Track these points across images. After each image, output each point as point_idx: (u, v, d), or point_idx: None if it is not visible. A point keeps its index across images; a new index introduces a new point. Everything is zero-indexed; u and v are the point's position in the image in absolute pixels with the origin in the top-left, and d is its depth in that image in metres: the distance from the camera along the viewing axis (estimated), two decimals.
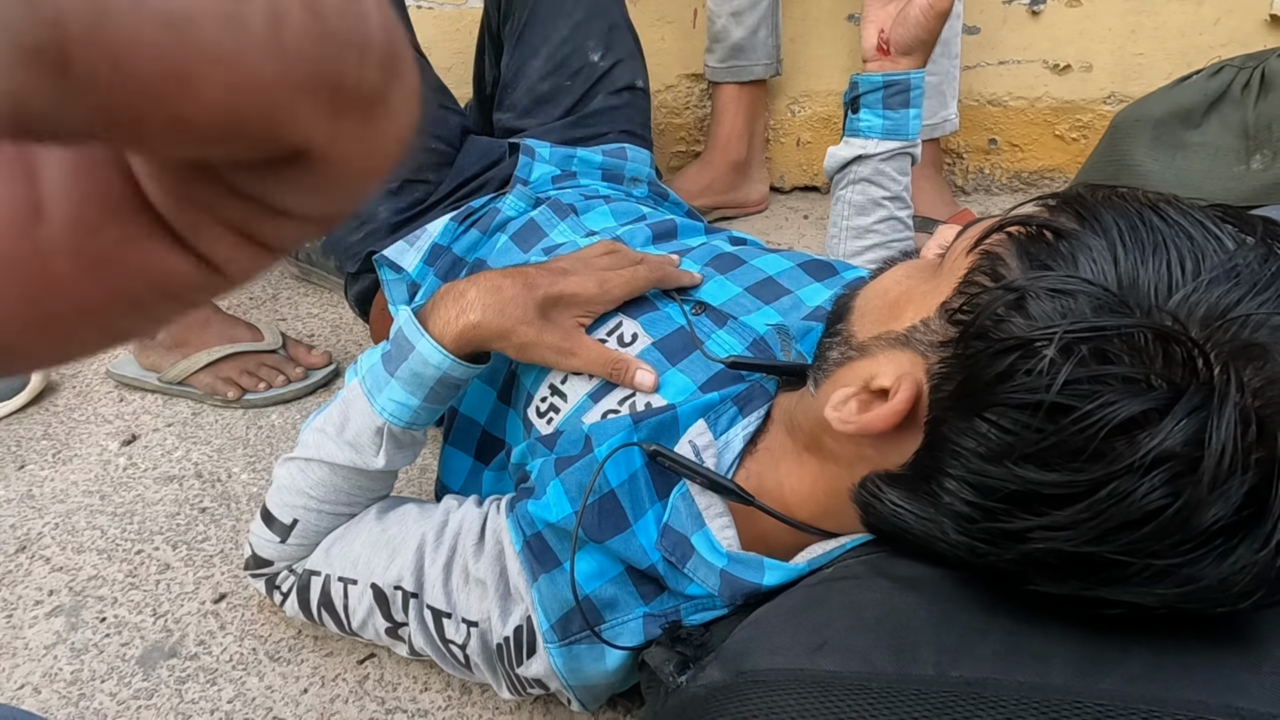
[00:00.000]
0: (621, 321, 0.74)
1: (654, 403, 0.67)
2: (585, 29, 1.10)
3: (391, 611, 0.67)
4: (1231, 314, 0.39)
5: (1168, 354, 0.39)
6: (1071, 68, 1.44)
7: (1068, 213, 0.45)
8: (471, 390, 0.81)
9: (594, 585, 0.61)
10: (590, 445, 0.64)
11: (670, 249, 0.85)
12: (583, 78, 1.09)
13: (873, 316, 0.53)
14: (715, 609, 0.60)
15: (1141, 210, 0.43)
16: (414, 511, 0.71)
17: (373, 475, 0.71)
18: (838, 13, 1.49)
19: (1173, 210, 0.43)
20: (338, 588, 0.70)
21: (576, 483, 0.62)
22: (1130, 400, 0.39)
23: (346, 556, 0.70)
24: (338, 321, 1.30)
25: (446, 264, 0.94)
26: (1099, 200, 0.45)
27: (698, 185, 1.48)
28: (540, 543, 0.62)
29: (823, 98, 1.55)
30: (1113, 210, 0.44)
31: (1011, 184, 1.55)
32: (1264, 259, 0.41)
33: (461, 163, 1.03)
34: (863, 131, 0.99)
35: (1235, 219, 0.43)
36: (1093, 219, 0.43)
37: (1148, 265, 0.41)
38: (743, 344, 0.70)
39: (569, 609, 0.60)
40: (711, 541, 0.59)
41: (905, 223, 1.02)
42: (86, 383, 1.19)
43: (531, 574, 0.62)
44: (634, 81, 1.12)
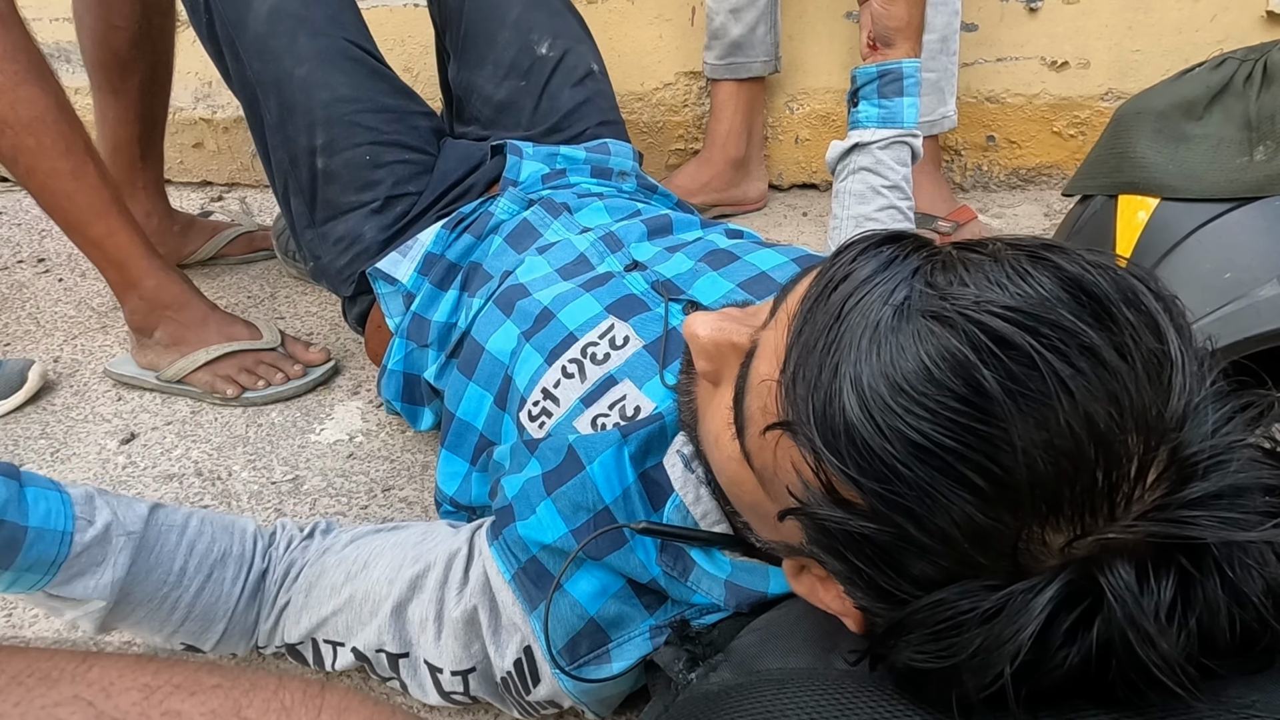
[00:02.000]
0: (613, 324, 0.73)
1: (642, 405, 0.67)
2: (525, 23, 1.08)
3: (376, 670, 0.66)
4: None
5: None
6: (1069, 64, 1.44)
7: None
8: (469, 395, 0.80)
9: (597, 605, 0.60)
10: (576, 459, 0.62)
11: (665, 244, 0.85)
12: (536, 74, 1.08)
13: (750, 519, 0.52)
14: (720, 612, 0.60)
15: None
16: (376, 564, 0.67)
17: (134, 593, 0.64)
18: (835, 10, 1.49)
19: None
20: (325, 649, 0.67)
21: (570, 502, 0.61)
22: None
23: (327, 625, 0.67)
24: (336, 319, 1.30)
25: (441, 271, 0.93)
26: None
27: (696, 183, 1.48)
28: (536, 568, 0.61)
29: (821, 95, 1.55)
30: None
31: (1009, 180, 1.55)
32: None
33: (442, 168, 1.02)
34: (861, 122, 1.00)
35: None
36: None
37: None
38: None
39: (575, 633, 0.59)
40: (714, 554, 0.59)
41: (906, 214, 1.02)
42: (84, 381, 1.18)
43: (529, 602, 0.60)
44: (590, 67, 1.10)
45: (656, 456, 0.62)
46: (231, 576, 0.68)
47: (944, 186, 1.41)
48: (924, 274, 0.40)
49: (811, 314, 0.42)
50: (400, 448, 1.03)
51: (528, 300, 0.79)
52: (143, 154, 1.33)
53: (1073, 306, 0.36)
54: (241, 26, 0.97)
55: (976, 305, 0.36)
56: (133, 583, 0.64)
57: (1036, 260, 0.38)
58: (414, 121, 1.03)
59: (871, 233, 0.44)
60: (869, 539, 0.38)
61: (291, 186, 1.02)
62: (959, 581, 0.37)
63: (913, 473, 0.36)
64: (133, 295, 1.11)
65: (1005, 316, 0.36)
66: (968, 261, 0.39)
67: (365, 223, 0.99)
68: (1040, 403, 0.35)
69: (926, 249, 0.42)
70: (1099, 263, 0.38)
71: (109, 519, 0.63)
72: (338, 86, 0.98)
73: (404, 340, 0.93)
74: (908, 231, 0.44)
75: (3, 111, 0.97)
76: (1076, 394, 0.35)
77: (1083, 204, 0.77)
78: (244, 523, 0.72)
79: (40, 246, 1.55)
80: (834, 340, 0.39)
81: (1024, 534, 0.36)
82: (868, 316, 0.39)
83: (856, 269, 0.41)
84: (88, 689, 0.32)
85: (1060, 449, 0.35)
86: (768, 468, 0.45)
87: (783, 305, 0.47)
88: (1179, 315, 0.38)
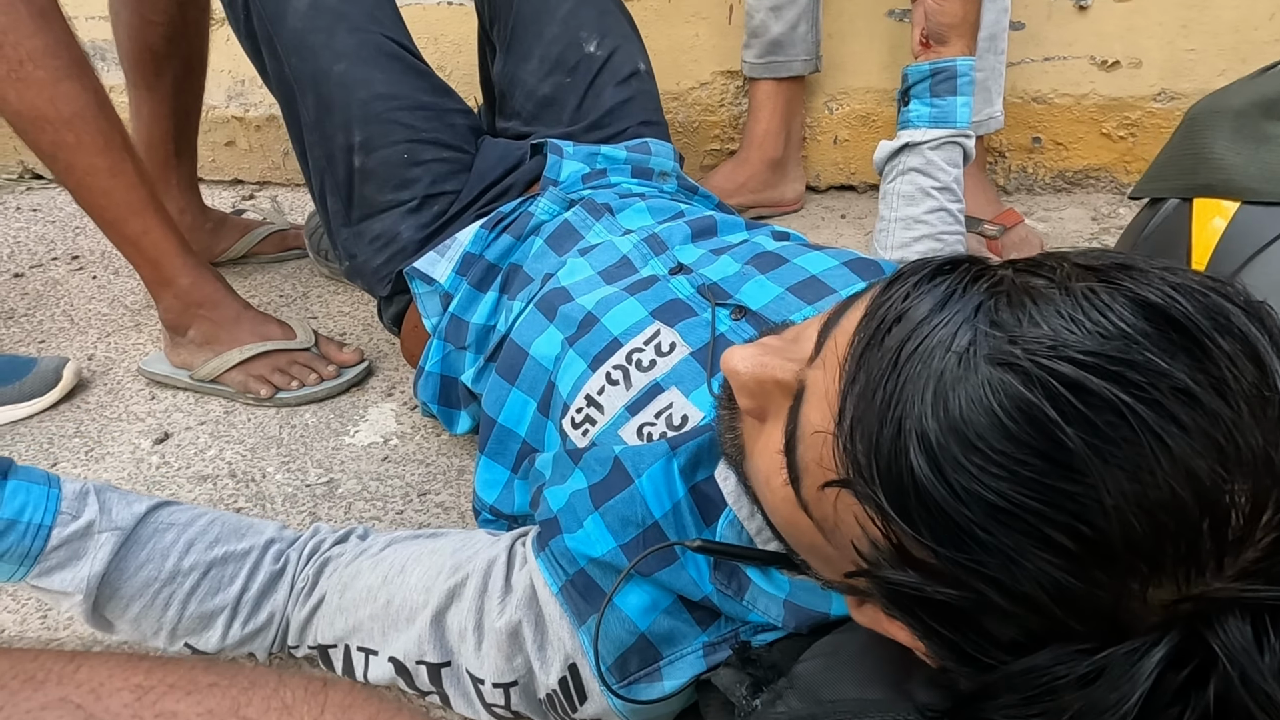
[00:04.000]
0: (659, 330, 0.71)
1: (689, 414, 0.64)
2: (575, 19, 1.05)
3: (415, 684, 0.64)
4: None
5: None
6: (1120, 64, 1.40)
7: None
8: (512, 401, 0.78)
9: (648, 620, 0.57)
10: (624, 472, 0.60)
11: (710, 246, 0.82)
12: (583, 72, 1.05)
13: (809, 559, 0.48)
14: (776, 630, 0.57)
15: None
16: (413, 570, 0.65)
17: (116, 583, 0.63)
18: (877, 9, 1.46)
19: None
20: (358, 657, 0.65)
21: (618, 517, 0.58)
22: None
23: (360, 630, 0.64)
24: (369, 319, 1.28)
25: (480, 271, 0.91)
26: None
27: (733, 184, 1.46)
28: (584, 580, 0.58)
29: (861, 95, 1.52)
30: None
31: (1055, 183, 1.51)
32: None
33: (481, 167, 1.00)
34: (911, 122, 0.98)
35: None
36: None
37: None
38: None
39: (625, 649, 0.57)
40: (770, 572, 0.56)
41: (956, 216, 0.99)
42: (118, 380, 1.17)
43: (577, 616, 0.58)
44: (636, 66, 1.08)
45: (707, 469, 0.60)
46: (230, 575, 0.66)
47: (989, 189, 1.38)
48: (987, 311, 0.35)
49: (865, 360, 0.38)
50: (436, 451, 1.01)
51: (570, 305, 0.77)
52: (176, 151, 1.32)
53: (1158, 341, 0.33)
54: (280, 22, 0.96)
55: (1050, 350, 0.33)
56: (117, 578, 0.63)
57: (1111, 287, 0.35)
58: (451, 119, 1.01)
59: (923, 261, 0.40)
60: (947, 604, 0.35)
61: (328, 185, 1.01)
62: (1050, 646, 0.34)
63: (993, 537, 0.33)
64: (167, 293, 1.10)
65: (1083, 362, 0.32)
66: (1034, 292, 0.35)
67: (402, 222, 0.98)
68: (1132, 459, 0.31)
69: (986, 277, 0.37)
70: (1181, 284, 0.34)
71: (94, 515, 0.62)
72: (376, 84, 0.96)
73: (441, 342, 0.91)
74: (961, 257, 0.40)
75: (42, 107, 0.96)
76: (1174, 447, 0.31)
77: (1152, 208, 0.74)
78: (262, 525, 0.70)
79: (74, 243, 1.55)
80: (893, 392, 0.36)
81: (1121, 595, 0.33)
82: (929, 365, 0.35)
83: (911, 308, 0.37)
84: (76, 690, 0.30)
85: (1159, 506, 0.31)
86: (828, 519, 0.41)
87: (829, 341, 0.42)
88: (1277, 333, 0.34)
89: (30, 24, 0.93)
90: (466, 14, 1.56)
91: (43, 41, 0.94)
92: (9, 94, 0.95)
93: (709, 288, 0.75)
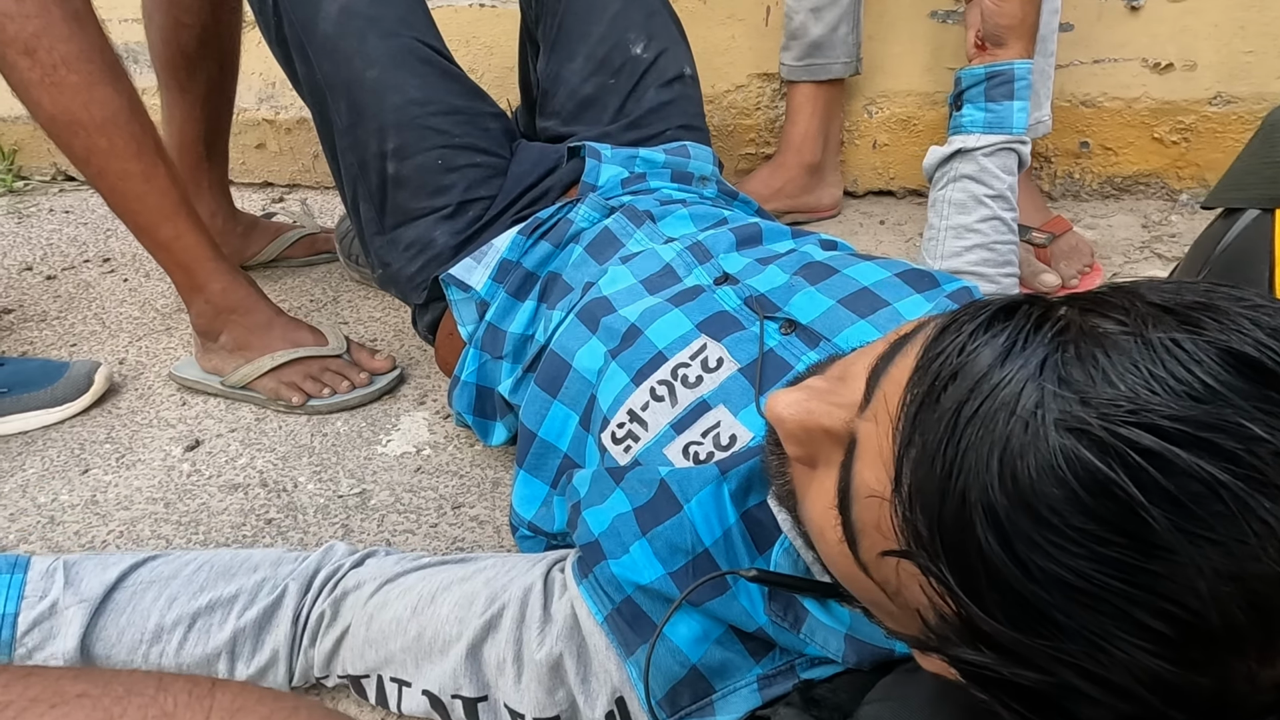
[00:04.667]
0: (706, 344, 0.68)
1: (738, 434, 0.62)
2: (623, 20, 1.03)
3: (451, 717, 0.62)
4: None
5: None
6: (1174, 66, 1.36)
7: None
8: (553, 414, 0.76)
9: (700, 651, 0.55)
10: (671, 496, 0.57)
11: (756, 255, 0.79)
12: (627, 73, 1.03)
13: (874, 611, 0.43)
14: (834, 664, 0.54)
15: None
16: (444, 601, 0.63)
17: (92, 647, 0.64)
18: (919, 9, 1.42)
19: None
20: (391, 688, 0.64)
21: (666, 543, 0.56)
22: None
23: (393, 662, 0.63)
24: (400, 325, 1.27)
25: (518, 279, 0.89)
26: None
27: (769, 188, 1.43)
28: (632, 609, 0.56)
29: (901, 98, 1.48)
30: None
31: (1103, 190, 1.47)
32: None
33: (517, 171, 0.98)
34: (965, 127, 0.95)
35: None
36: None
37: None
38: None
39: (676, 681, 0.55)
40: (829, 603, 0.53)
41: (1009, 224, 0.96)
42: (149, 384, 1.17)
43: (624, 648, 0.56)
44: (682, 70, 1.05)
45: (760, 494, 0.57)
46: (219, 621, 0.65)
47: (1037, 195, 1.34)
48: (1055, 366, 0.32)
49: (920, 422, 0.34)
50: (469, 462, 0.99)
51: (613, 316, 0.75)
52: (208, 153, 1.31)
53: (1251, 396, 0.29)
54: (311, 28, 0.94)
55: (1129, 415, 0.29)
56: (98, 647, 0.63)
57: (1195, 335, 0.31)
58: (485, 124, 0.99)
59: (979, 304, 0.36)
60: (1028, 689, 0.32)
61: (360, 192, 0.99)
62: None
63: (1074, 621, 0.30)
64: (199, 298, 1.09)
65: (1167, 431, 0.29)
66: (1106, 342, 0.31)
67: (436, 228, 0.96)
68: (1226, 536, 0.28)
69: (1050, 323, 0.33)
70: (1276, 328, 0.30)
71: (58, 593, 0.64)
72: (409, 89, 0.94)
73: (478, 351, 0.89)
74: (1019, 298, 0.35)
75: (77, 112, 0.95)
76: (1274, 523, 0.28)
77: (1228, 219, 0.70)
78: (258, 558, 0.68)
79: (105, 246, 1.55)
80: (954, 460, 0.32)
81: (1226, 679, 0.29)
82: (992, 430, 0.31)
83: (968, 362, 0.33)
84: None
85: (1260, 582, 0.28)
86: (890, 583, 0.38)
87: (879, 392, 0.38)
88: None
89: (64, 28, 0.92)
90: (498, 15, 1.54)
91: (77, 46, 0.93)
92: (43, 98, 0.94)
93: (756, 299, 0.72)
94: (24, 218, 1.67)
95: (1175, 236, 1.35)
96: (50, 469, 1.02)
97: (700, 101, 1.07)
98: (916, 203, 1.52)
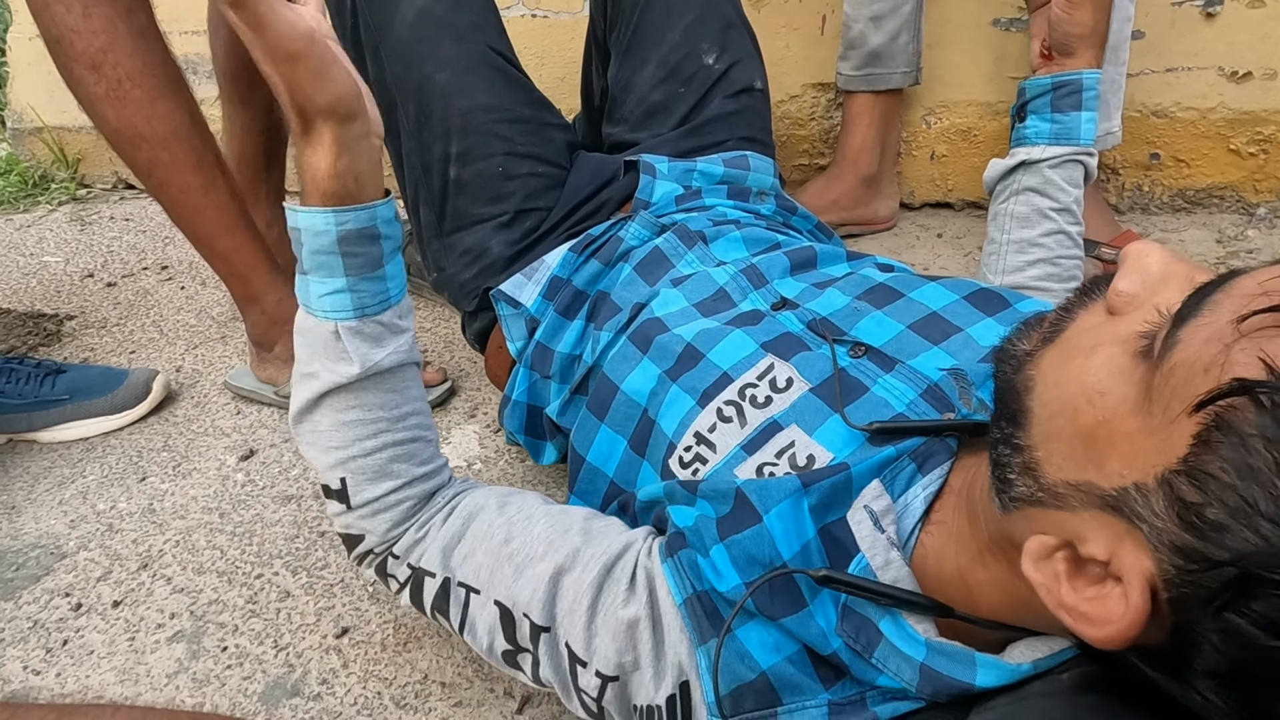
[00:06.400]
0: (773, 364, 0.66)
1: (816, 454, 0.60)
2: (698, 31, 1.02)
3: (516, 636, 0.60)
4: None
5: None
6: (1252, 75, 1.30)
7: None
8: (601, 438, 0.74)
9: (771, 660, 0.53)
10: (749, 506, 0.56)
11: (812, 280, 0.77)
12: (697, 83, 1.02)
13: (1061, 446, 0.42)
14: (909, 699, 0.52)
15: None
16: (540, 520, 0.63)
17: (370, 387, 0.64)
18: (981, 17, 1.38)
19: None
20: (458, 593, 0.63)
21: (744, 552, 0.54)
22: None
23: (469, 563, 0.63)
24: (450, 336, 1.27)
25: (567, 297, 0.88)
26: None
27: (824, 200, 1.40)
28: (709, 603, 0.55)
29: (962, 108, 1.44)
30: None
31: (1173, 203, 1.41)
32: None
33: (574, 183, 0.97)
34: (1029, 139, 0.91)
35: None
36: None
37: None
38: (916, 391, 0.62)
39: (742, 683, 0.53)
40: (904, 628, 0.50)
41: (1075, 239, 0.92)
42: (204, 393, 1.18)
43: (698, 635, 0.54)
44: (752, 83, 1.04)
45: (839, 511, 0.55)
46: (423, 457, 0.68)
47: (1105, 209, 1.29)
48: None
49: None
50: (520, 479, 0.98)
51: (667, 336, 0.73)
52: (267, 165, 1.33)
53: None
54: (387, 30, 0.95)
55: None
56: (378, 381, 0.64)
57: None
58: (549, 134, 0.98)
59: None
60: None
61: (422, 195, 0.99)
62: None
63: None
64: (255, 309, 1.10)
65: None
66: None
67: (492, 237, 0.95)
68: None
69: None
70: None
71: (407, 326, 0.67)
72: (478, 94, 0.94)
73: (527, 370, 0.88)
74: None
75: (139, 125, 0.96)
76: None
77: None
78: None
79: (164, 253, 1.57)
80: None
81: None
82: None
83: None
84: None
85: None
86: (1197, 358, 0.36)
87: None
88: None
89: (129, 43, 0.94)
90: (550, 26, 1.54)
91: (141, 61, 0.94)
92: (107, 112, 0.95)
93: (820, 322, 0.70)
94: (86, 225, 1.71)
95: (1253, 252, 1.30)
96: (109, 476, 1.03)
97: (768, 116, 1.05)
98: (975, 215, 1.47)
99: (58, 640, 0.82)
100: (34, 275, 1.52)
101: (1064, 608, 0.40)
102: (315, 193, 0.60)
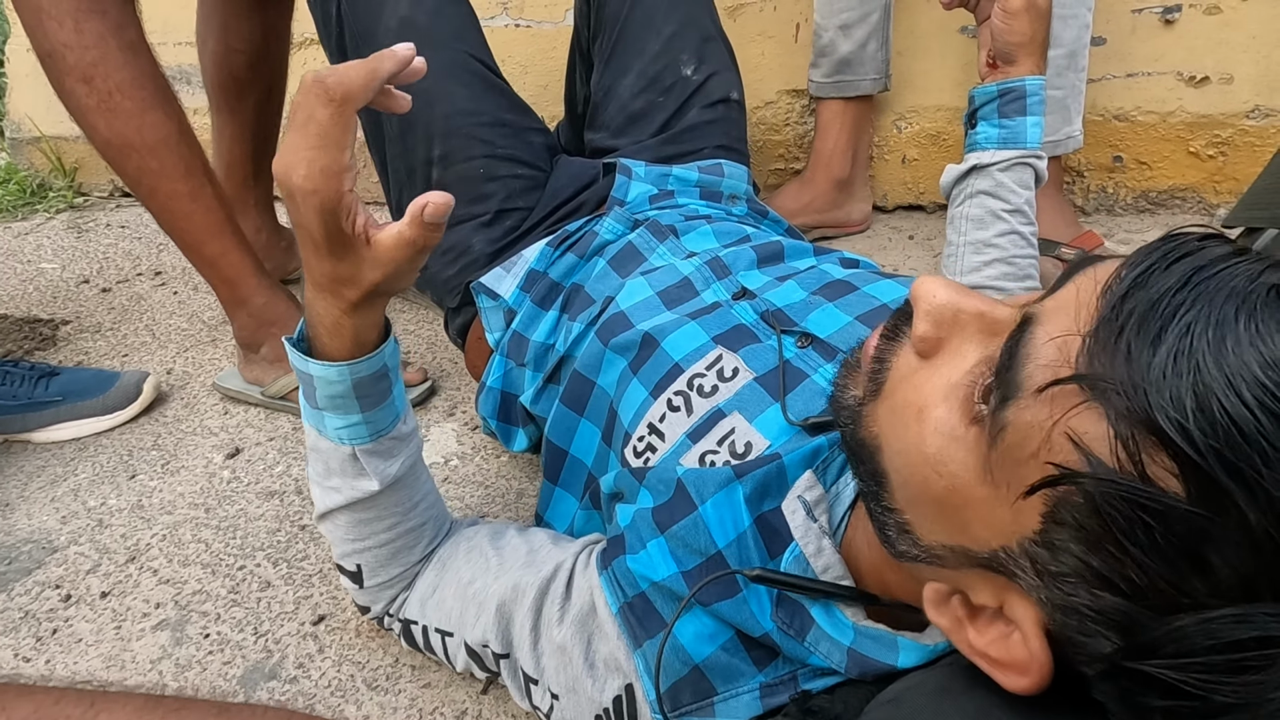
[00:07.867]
0: (721, 355, 0.70)
1: (754, 441, 0.63)
2: (677, 43, 1.06)
3: (486, 665, 0.67)
4: None
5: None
6: (1210, 79, 1.34)
7: (1184, 475, 0.32)
8: (581, 431, 0.79)
9: (706, 651, 0.56)
10: (687, 496, 0.59)
11: (776, 272, 0.81)
12: (676, 93, 1.06)
13: (926, 511, 0.43)
14: (837, 675, 0.55)
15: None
16: (493, 556, 0.69)
17: (387, 495, 0.68)
18: (949, 25, 1.42)
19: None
20: (436, 638, 0.70)
21: (681, 543, 0.58)
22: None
23: (440, 609, 0.69)
24: (433, 338, 1.30)
25: (544, 289, 0.91)
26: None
27: (798, 203, 1.44)
28: (644, 604, 0.58)
29: (931, 113, 1.48)
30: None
31: (1137, 204, 1.45)
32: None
33: (554, 185, 1.01)
34: (979, 144, 0.95)
35: None
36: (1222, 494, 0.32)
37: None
38: None
39: (678, 679, 0.56)
40: (835, 613, 0.54)
41: (1028, 239, 0.96)
42: (194, 394, 1.21)
43: (633, 640, 0.58)
44: (729, 94, 1.08)
45: (775, 500, 0.58)
46: (431, 535, 0.73)
47: (1067, 210, 1.32)
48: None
49: (1143, 279, 0.35)
50: (495, 473, 1.01)
51: (630, 330, 0.77)
52: (255, 172, 1.37)
53: None
54: (370, 39, 0.99)
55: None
56: (395, 487, 0.68)
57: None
58: (529, 137, 1.02)
59: (1187, 232, 0.38)
60: (1170, 526, 0.32)
61: (406, 198, 1.03)
62: (1260, 601, 0.32)
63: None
64: (241, 312, 1.14)
65: None
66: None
67: (474, 235, 0.99)
68: None
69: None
70: None
71: (412, 426, 0.70)
72: (458, 99, 0.98)
73: (503, 358, 0.92)
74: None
75: (129, 135, 1.00)
76: None
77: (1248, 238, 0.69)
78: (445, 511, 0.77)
79: (158, 259, 1.61)
80: (1183, 303, 0.34)
81: None
82: (1232, 286, 0.34)
83: (1204, 249, 0.36)
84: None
85: None
86: (1023, 441, 0.37)
87: (1073, 281, 0.39)
88: None
89: (120, 57, 0.98)
90: (533, 35, 1.58)
91: (130, 74, 0.98)
92: (99, 123, 0.99)
93: (773, 314, 0.73)
94: (83, 232, 1.75)
95: None
96: (100, 474, 1.07)
97: (744, 126, 1.10)
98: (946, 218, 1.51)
99: (48, 629, 0.85)
100: (31, 281, 1.56)
101: (975, 653, 0.42)
102: (330, 347, 0.60)
